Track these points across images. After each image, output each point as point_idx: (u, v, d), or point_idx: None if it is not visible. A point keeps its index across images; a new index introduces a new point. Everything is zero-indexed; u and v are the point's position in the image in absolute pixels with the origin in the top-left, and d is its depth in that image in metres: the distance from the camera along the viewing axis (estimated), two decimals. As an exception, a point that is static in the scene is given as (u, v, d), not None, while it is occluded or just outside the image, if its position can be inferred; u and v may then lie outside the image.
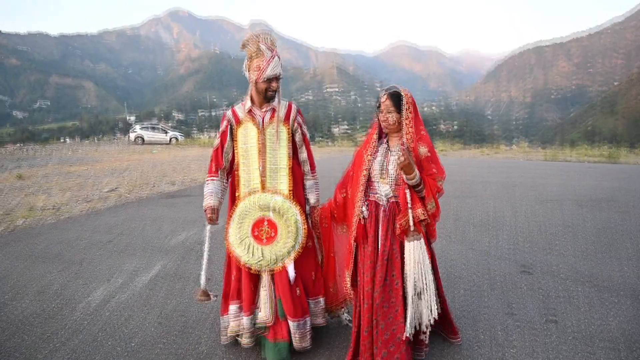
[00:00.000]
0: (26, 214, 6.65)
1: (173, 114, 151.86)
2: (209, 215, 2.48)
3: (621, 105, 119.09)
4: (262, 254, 2.41)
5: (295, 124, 2.56)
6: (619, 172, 11.53)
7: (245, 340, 2.48)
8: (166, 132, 29.93)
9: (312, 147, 2.71)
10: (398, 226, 2.21)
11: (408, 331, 2.15)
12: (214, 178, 2.55)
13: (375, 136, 2.38)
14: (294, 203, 2.48)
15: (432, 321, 2.19)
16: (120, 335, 2.82)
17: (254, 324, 2.45)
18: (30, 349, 2.67)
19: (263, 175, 2.47)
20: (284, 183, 2.49)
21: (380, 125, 2.33)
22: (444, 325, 2.62)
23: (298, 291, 2.44)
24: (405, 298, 2.20)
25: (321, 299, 2.59)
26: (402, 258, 2.21)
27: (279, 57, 2.41)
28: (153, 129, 30.58)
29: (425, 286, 2.17)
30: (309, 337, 2.44)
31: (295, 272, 2.45)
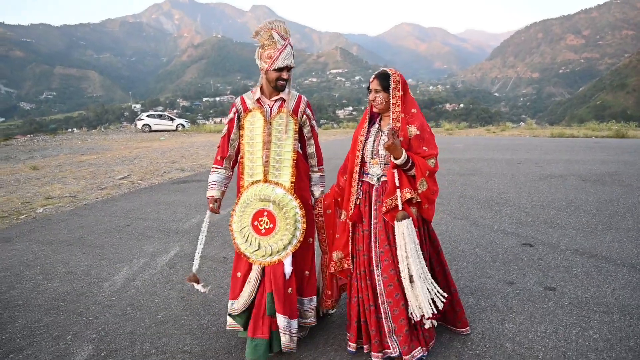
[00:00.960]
0: (45, 203, 6.91)
1: (178, 101, 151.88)
2: (210, 206, 2.54)
3: (632, 79, 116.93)
4: (259, 244, 2.40)
5: (304, 117, 2.55)
6: (625, 147, 11.54)
7: (227, 322, 2.58)
8: (172, 120, 30.13)
9: (317, 131, 2.68)
10: (384, 206, 2.23)
11: (415, 314, 2.16)
12: (218, 168, 2.59)
13: (367, 117, 2.41)
14: (294, 197, 2.45)
15: (427, 311, 2.14)
16: (147, 310, 3.05)
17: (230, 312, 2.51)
18: (65, 322, 2.91)
19: (266, 166, 2.45)
20: (286, 175, 2.46)
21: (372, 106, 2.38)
22: (450, 316, 2.54)
23: (290, 290, 2.39)
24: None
25: (314, 298, 2.58)
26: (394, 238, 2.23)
27: (291, 47, 2.40)
28: (159, 116, 30.80)
29: (418, 270, 2.14)
30: (295, 340, 2.38)
31: (291, 269, 2.41)
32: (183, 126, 29.49)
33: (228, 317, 2.55)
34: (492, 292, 3.16)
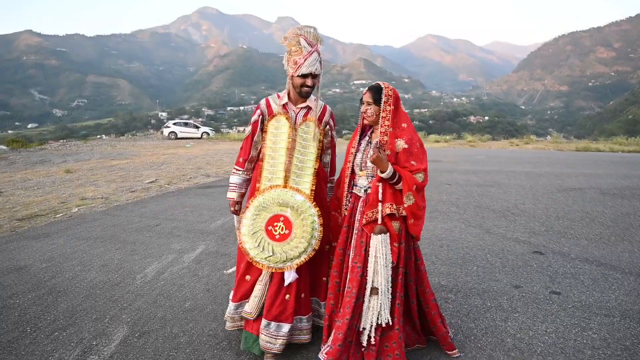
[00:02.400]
0: (79, 203, 7.35)
1: (203, 110, 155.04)
2: (231, 209, 2.63)
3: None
4: (273, 250, 2.35)
5: (327, 127, 2.57)
6: (650, 162, 11.36)
7: (227, 324, 2.62)
8: (198, 128, 30.99)
9: (339, 141, 2.86)
10: (364, 217, 2.26)
11: (365, 326, 2.20)
12: (239, 170, 2.60)
13: (360, 129, 2.45)
14: (313, 204, 2.41)
15: (373, 324, 2.19)
16: (176, 299, 3.33)
17: (239, 312, 2.54)
18: (103, 307, 3.21)
19: (288, 172, 2.44)
20: (307, 183, 2.45)
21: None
22: (437, 339, 2.50)
23: (288, 297, 2.37)
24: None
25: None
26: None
27: (319, 54, 2.36)
28: (185, 124, 31.70)
29: (381, 284, 2.17)
30: (279, 342, 2.36)
31: (296, 277, 2.39)
32: (208, 134, 30.28)
33: (227, 318, 2.60)
34: (499, 293, 3.31)
